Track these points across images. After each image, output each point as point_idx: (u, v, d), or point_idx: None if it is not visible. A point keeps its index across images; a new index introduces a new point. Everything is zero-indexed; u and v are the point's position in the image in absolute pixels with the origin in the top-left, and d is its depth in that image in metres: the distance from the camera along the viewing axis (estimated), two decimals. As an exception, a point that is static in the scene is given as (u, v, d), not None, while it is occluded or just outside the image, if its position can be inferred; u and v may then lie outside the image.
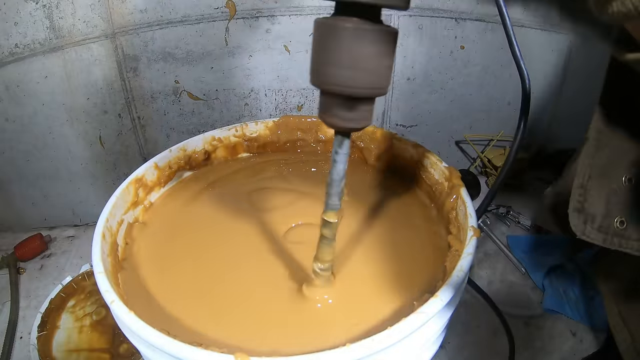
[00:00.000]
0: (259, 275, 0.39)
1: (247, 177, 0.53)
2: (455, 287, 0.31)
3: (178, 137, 0.86)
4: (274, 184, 0.51)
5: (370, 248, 0.41)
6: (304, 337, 0.32)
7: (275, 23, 0.78)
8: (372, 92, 0.26)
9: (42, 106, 0.76)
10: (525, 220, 0.87)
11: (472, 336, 0.67)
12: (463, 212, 0.39)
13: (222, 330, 0.34)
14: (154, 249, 0.43)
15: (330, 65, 0.25)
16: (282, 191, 0.49)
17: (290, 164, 0.55)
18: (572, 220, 0.36)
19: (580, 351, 0.63)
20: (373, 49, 0.25)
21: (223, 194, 0.49)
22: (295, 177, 0.52)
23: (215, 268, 0.40)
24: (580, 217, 0.35)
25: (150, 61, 0.78)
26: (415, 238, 0.42)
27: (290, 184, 0.51)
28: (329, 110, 0.27)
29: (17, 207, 0.86)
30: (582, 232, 0.36)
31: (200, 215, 0.46)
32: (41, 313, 0.67)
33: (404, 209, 0.47)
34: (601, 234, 0.35)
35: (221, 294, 0.37)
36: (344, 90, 0.25)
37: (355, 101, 0.26)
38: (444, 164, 0.46)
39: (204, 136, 0.53)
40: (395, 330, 0.27)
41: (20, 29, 0.69)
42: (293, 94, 0.87)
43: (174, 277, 0.39)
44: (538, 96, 0.94)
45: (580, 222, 0.35)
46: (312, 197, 0.47)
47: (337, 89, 0.25)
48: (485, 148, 0.99)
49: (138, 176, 0.46)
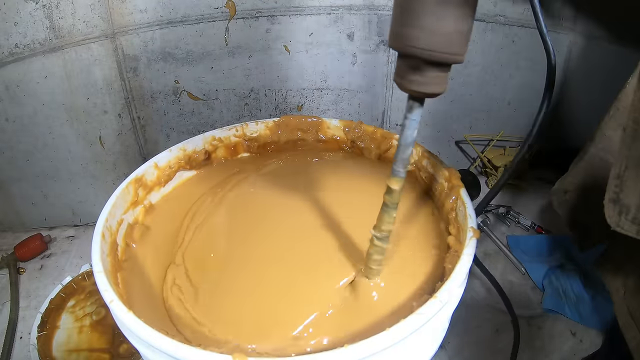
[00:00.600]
0: (264, 277, 0.39)
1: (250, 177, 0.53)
2: (455, 288, 0.31)
3: (178, 137, 0.86)
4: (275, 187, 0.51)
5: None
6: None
7: (275, 23, 0.78)
8: (450, 58, 0.26)
9: (42, 106, 0.76)
10: (525, 220, 0.87)
11: (472, 336, 0.66)
12: (463, 212, 0.39)
13: (223, 330, 0.34)
14: (155, 249, 0.43)
15: (413, 27, 0.25)
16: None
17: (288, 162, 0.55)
18: (607, 211, 0.35)
19: (580, 351, 0.63)
20: (456, 12, 0.25)
21: (226, 194, 0.49)
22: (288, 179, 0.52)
23: (223, 267, 0.40)
24: (616, 208, 0.35)
25: (150, 61, 0.78)
26: (415, 238, 0.42)
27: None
28: (405, 73, 0.27)
29: (17, 207, 0.86)
30: (616, 224, 0.35)
31: (205, 215, 0.46)
32: (41, 313, 0.67)
33: (404, 209, 0.47)
34: (635, 226, 0.34)
35: (225, 294, 0.37)
36: (424, 54, 0.26)
37: (432, 66, 0.26)
38: (444, 164, 0.46)
39: (204, 136, 0.53)
40: (394, 331, 0.27)
41: (20, 29, 0.69)
42: (293, 94, 0.87)
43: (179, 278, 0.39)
44: (538, 96, 0.93)
45: (615, 214, 0.35)
46: (314, 203, 0.47)
47: (417, 52, 0.26)
48: (485, 148, 0.99)
49: (138, 176, 0.46)
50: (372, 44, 0.83)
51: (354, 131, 0.55)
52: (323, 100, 0.89)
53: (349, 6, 0.79)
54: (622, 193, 0.34)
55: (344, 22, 0.80)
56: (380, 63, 0.85)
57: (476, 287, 0.74)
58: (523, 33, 0.85)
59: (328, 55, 0.83)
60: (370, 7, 0.80)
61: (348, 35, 0.82)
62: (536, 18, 0.42)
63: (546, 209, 0.93)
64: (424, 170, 0.48)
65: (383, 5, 0.80)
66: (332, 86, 0.87)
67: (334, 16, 0.80)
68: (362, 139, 0.55)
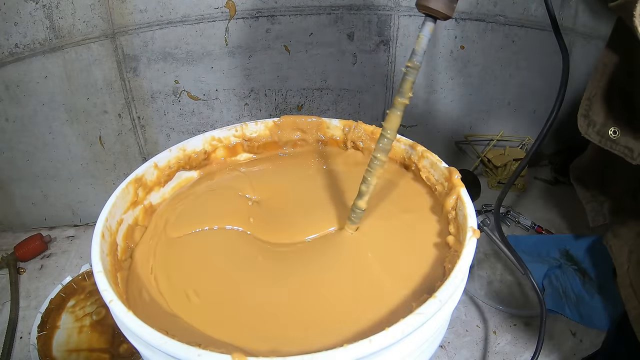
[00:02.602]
0: (262, 277, 0.39)
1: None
2: (454, 287, 0.31)
3: (178, 137, 0.86)
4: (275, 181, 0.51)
5: (369, 248, 0.41)
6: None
7: (275, 23, 0.78)
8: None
9: (42, 106, 0.76)
10: (525, 220, 0.87)
11: (472, 336, 0.67)
12: (462, 212, 0.39)
13: (223, 331, 0.34)
14: (155, 250, 0.43)
15: None
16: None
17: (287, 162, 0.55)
18: (579, 123, 0.46)
19: (580, 351, 0.63)
20: None
21: (223, 193, 0.49)
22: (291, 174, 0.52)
23: (219, 268, 0.40)
24: (585, 121, 0.46)
25: (150, 61, 0.78)
26: (414, 237, 0.42)
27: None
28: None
29: (17, 207, 0.87)
30: (585, 132, 0.46)
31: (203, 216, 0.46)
32: (41, 313, 0.67)
33: (403, 209, 0.47)
34: (598, 137, 0.45)
35: (224, 294, 0.37)
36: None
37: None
38: (444, 164, 0.46)
39: (204, 136, 0.53)
40: (393, 331, 0.27)
41: (20, 29, 0.69)
42: (293, 94, 0.87)
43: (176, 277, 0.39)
44: (538, 96, 0.94)
45: (585, 125, 0.46)
46: (327, 200, 0.47)
47: None
48: (485, 148, 0.99)
49: (138, 176, 0.46)
50: (372, 44, 0.83)
51: (353, 131, 0.55)
52: (323, 100, 0.89)
53: (349, 6, 0.79)
54: (590, 111, 0.45)
55: (344, 22, 0.80)
56: (380, 63, 0.85)
57: (476, 287, 0.74)
58: (523, 33, 0.85)
59: (328, 55, 0.83)
60: (370, 7, 0.80)
61: (348, 35, 0.82)
62: (550, 16, 0.48)
63: (546, 209, 0.93)
64: (424, 170, 0.48)
65: (383, 5, 0.80)
66: (332, 86, 0.87)
67: (334, 16, 0.80)
68: (362, 139, 0.55)
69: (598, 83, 0.45)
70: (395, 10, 0.80)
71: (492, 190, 0.98)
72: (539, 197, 0.96)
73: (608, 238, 0.54)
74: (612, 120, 0.44)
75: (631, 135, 0.42)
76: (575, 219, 0.88)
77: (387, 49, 0.84)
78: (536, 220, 0.87)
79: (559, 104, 0.51)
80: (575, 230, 0.86)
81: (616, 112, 0.44)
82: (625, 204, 0.56)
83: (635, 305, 0.47)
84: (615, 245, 0.53)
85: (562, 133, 1.00)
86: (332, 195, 0.48)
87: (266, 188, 0.50)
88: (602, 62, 0.44)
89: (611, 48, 0.43)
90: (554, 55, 0.89)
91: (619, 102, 0.44)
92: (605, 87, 0.45)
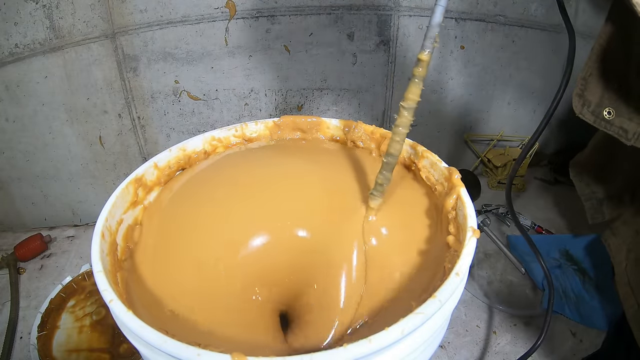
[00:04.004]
0: (261, 275, 0.39)
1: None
2: (454, 287, 0.31)
3: (178, 137, 0.86)
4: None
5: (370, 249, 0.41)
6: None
7: (275, 23, 0.78)
8: None
9: (42, 106, 0.76)
10: (525, 220, 0.87)
11: (472, 336, 0.67)
12: (462, 212, 0.39)
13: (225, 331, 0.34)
14: (156, 250, 0.43)
15: None
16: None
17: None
18: (574, 102, 0.46)
19: (580, 351, 0.63)
20: None
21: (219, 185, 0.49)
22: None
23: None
24: (580, 100, 0.46)
25: (150, 61, 0.78)
26: (414, 237, 0.42)
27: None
28: None
29: (17, 207, 0.87)
30: (579, 112, 0.46)
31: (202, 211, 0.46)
32: (41, 313, 0.67)
33: (403, 208, 0.47)
34: (593, 117, 0.45)
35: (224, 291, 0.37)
36: None
37: None
38: (444, 164, 0.46)
39: (204, 136, 0.53)
40: (393, 331, 0.27)
41: (20, 29, 0.69)
42: (293, 94, 0.87)
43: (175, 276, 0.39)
44: (538, 96, 0.94)
45: (579, 105, 0.45)
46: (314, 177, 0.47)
47: None
48: (486, 148, 0.99)
49: (138, 176, 0.46)
50: (372, 44, 0.83)
51: (353, 131, 0.55)
52: (323, 100, 0.89)
53: (349, 6, 0.79)
54: (586, 91, 0.45)
55: (344, 22, 0.80)
56: (380, 63, 0.85)
57: (476, 287, 0.74)
58: (523, 33, 0.85)
59: (328, 55, 0.83)
60: (370, 7, 0.80)
61: (348, 35, 0.82)
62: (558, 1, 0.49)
63: (546, 209, 0.93)
64: (424, 170, 0.48)
65: (383, 5, 0.80)
66: (332, 86, 0.87)
67: (334, 16, 0.80)
68: (361, 139, 0.55)
69: (594, 63, 0.45)
70: (395, 10, 0.80)
71: (492, 190, 0.98)
72: (539, 197, 0.96)
73: (606, 236, 0.54)
74: (607, 100, 0.44)
75: (626, 116, 0.42)
76: (575, 219, 0.88)
77: (387, 49, 0.84)
78: (536, 220, 0.87)
79: (565, 81, 0.51)
80: (575, 230, 0.86)
81: (611, 93, 0.44)
82: (625, 202, 0.56)
83: (632, 304, 0.47)
84: (613, 244, 0.53)
85: (562, 133, 1.01)
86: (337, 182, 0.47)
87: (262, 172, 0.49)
88: (599, 42, 0.45)
89: (608, 28, 0.44)
90: (554, 55, 0.89)
91: (614, 83, 0.44)
92: (601, 67, 0.45)
